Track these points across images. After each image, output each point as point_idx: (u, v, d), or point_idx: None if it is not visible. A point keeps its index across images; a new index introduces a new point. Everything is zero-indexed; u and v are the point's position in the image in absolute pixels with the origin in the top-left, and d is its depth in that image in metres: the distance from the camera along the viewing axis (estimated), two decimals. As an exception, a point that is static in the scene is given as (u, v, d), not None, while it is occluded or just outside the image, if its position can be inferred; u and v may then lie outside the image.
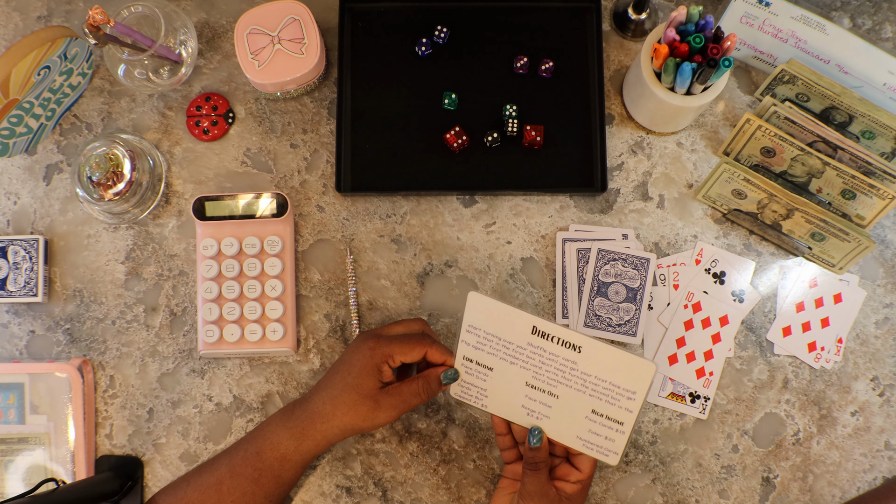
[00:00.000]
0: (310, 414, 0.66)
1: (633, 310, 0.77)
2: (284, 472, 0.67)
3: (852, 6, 0.82)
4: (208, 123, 0.81)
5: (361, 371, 0.63)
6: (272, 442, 0.66)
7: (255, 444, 0.67)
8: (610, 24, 0.82)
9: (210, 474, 0.68)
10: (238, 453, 0.67)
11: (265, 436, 0.67)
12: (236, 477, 0.66)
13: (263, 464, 0.66)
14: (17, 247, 0.79)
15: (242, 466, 0.66)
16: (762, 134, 0.74)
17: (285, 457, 0.66)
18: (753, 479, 0.77)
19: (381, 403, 0.64)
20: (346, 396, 0.64)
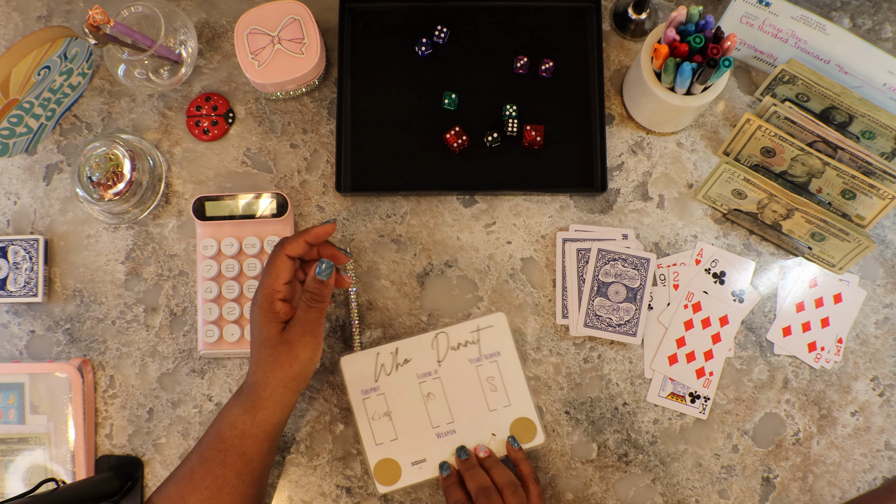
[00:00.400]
0: (251, 385, 0.66)
1: (633, 310, 0.77)
2: (248, 448, 0.66)
3: (852, 6, 0.82)
4: (208, 123, 0.81)
5: (261, 325, 0.63)
6: (229, 422, 0.66)
7: (215, 428, 0.67)
8: (610, 24, 0.82)
9: (184, 466, 0.68)
10: (204, 440, 0.67)
11: (223, 417, 0.67)
12: (205, 462, 0.66)
13: (226, 444, 0.66)
14: (17, 247, 0.79)
15: (209, 451, 0.66)
16: (762, 134, 0.74)
17: (245, 432, 0.66)
18: (753, 479, 0.77)
19: (292, 340, 0.63)
20: (263, 354, 0.63)
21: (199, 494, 0.65)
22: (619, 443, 0.77)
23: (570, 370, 0.78)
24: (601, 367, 0.78)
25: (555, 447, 0.77)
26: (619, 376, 0.78)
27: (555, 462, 0.77)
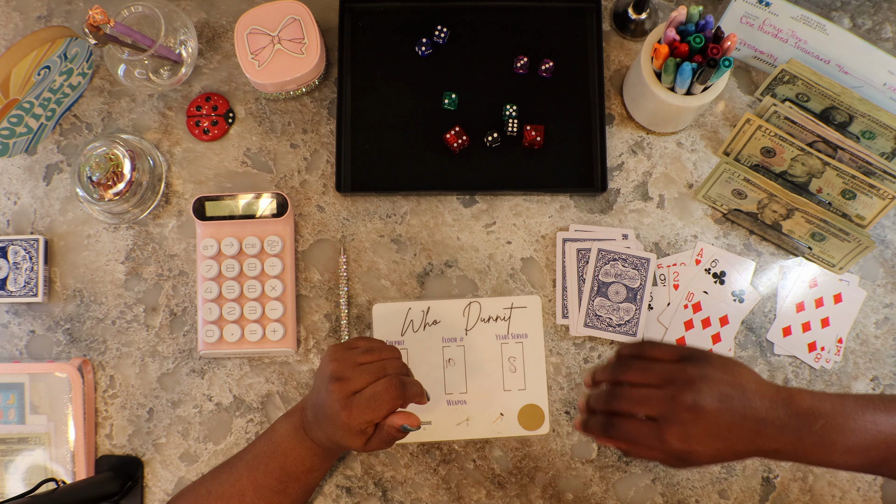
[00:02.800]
0: (323, 444, 0.67)
1: (633, 310, 0.77)
2: (311, 480, 0.70)
3: (852, 6, 0.82)
4: (208, 123, 0.81)
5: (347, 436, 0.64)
6: (296, 459, 0.68)
7: (276, 460, 0.68)
8: (610, 24, 0.82)
9: (230, 485, 0.68)
10: (258, 467, 0.68)
11: (286, 453, 0.68)
12: (259, 489, 0.67)
13: (290, 477, 0.68)
14: (17, 247, 0.79)
15: (266, 479, 0.67)
16: (762, 134, 0.74)
17: (313, 468, 0.69)
18: (753, 479, 0.77)
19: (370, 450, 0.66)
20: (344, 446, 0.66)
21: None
22: (619, 443, 0.77)
23: (570, 370, 0.78)
24: (601, 367, 0.78)
25: (555, 447, 0.77)
26: (619, 376, 0.78)
27: (555, 462, 0.77)
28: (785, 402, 0.58)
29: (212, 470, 0.71)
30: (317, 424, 0.66)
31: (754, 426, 0.57)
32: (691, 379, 0.57)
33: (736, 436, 0.57)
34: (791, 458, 0.58)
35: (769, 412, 0.57)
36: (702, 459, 0.58)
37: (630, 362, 0.60)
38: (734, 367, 0.59)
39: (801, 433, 0.57)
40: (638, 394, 0.59)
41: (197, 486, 0.69)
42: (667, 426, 0.57)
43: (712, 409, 0.56)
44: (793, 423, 0.57)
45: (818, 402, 0.58)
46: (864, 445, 0.57)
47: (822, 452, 0.57)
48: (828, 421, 0.57)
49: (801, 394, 0.58)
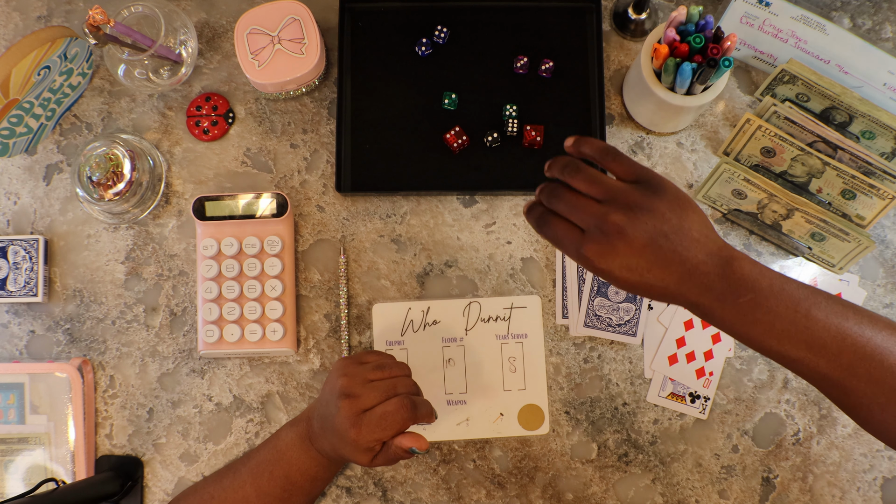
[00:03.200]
0: (329, 454, 0.67)
1: (633, 310, 0.77)
2: (315, 488, 0.69)
3: (852, 6, 0.82)
4: (208, 123, 0.81)
5: (354, 452, 0.64)
6: (301, 469, 0.68)
7: (281, 468, 0.68)
8: (610, 24, 0.82)
9: (234, 490, 0.68)
10: (262, 474, 0.68)
11: (291, 462, 0.68)
12: (264, 496, 0.67)
13: (294, 485, 0.68)
14: (17, 247, 0.79)
15: (270, 487, 0.67)
16: (762, 134, 0.74)
17: (317, 477, 0.69)
18: (753, 479, 0.77)
19: (374, 462, 0.66)
20: (351, 458, 0.66)
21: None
22: (619, 443, 0.77)
23: (570, 370, 0.78)
24: (601, 367, 0.78)
25: (555, 447, 0.77)
26: (619, 376, 0.78)
27: (555, 462, 0.77)
28: (722, 263, 0.55)
29: (214, 473, 0.71)
30: (323, 436, 0.66)
31: (678, 274, 0.55)
32: (632, 204, 0.56)
33: (654, 275, 0.55)
34: (712, 320, 0.56)
35: (700, 266, 0.55)
36: (616, 283, 0.56)
37: (582, 168, 0.58)
38: (685, 209, 0.56)
39: (724, 299, 0.55)
40: (576, 201, 0.57)
41: (199, 488, 0.69)
42: (588, 239, 0.56)
43: (637, 241, 0.54)
44: (719, 285, 0.55)
45: (757, 275, 0.55)
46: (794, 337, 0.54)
47: (743, 327, 0.55)
48: (757, 297, 0.54)
49: (743, 262, 0.55)
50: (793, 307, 0.54)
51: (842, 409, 0.58)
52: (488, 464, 0.77)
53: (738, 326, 0.55)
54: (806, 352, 0.54)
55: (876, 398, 0.54)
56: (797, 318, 0.54)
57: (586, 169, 0.58)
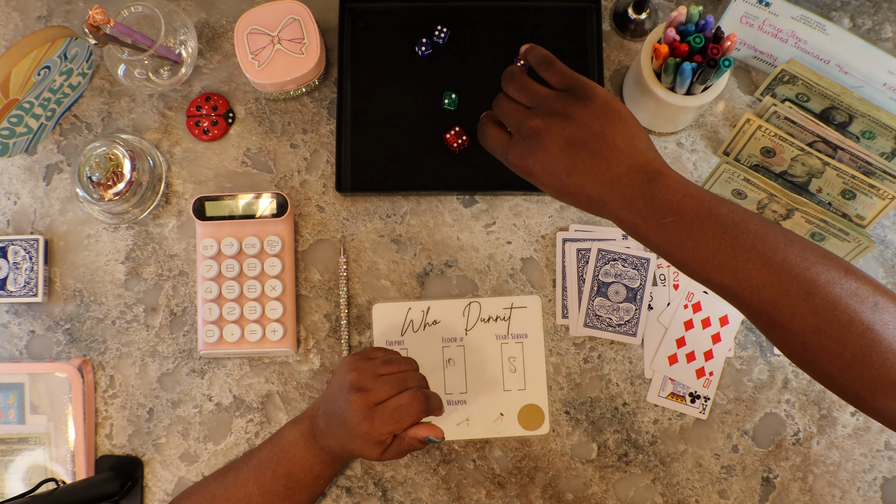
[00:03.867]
0: (334, 452, 0.67)
1: (633, 310, 0.77)
2: (319, 486, 0.69)
3: (852, 6, 0.82)
4: (208, 123, 0.81)
5: (364, 445, 0.64)
6: (305, 467, 0.67)
7: (284, 466, 0.67)
8: (610, 24, 0.82)
9: (236, 489, 0.68)
10: (265, 472, 0.68)
11: (294, 460, 0.68)
12: (266, 494, 0.67)
13: (297, 483, 0.68)
14: (17, 247, 0.79)
15: (273, 485, 0.67)
16: (762, 134, 0.74)
17: (320, 475, 0.69)
18: (753, 479, 0.77)
19: (383, 455, 0.66)
20: (357, 455, 0.66)
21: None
22: (619, 443, 0.77)
23: (570, 370, 0.78)
24: (601, 367, 0.78)
25: (555, 447, 0.77)
26: (619, 376, 0.78)
27: (555, 462, 0.77)
28: (645, 178, 0.54)
29: (215, 473, 0.71)
30: (329, 433, 0.66)
31: (598, 184, 0.55)
32: (553, 110, 0.57)
33: (574, 181, 0.55)
34: (637, 238, 0.56)
35: (621, 178, 0.55)
36: (542, 186, 0.58)
37: (515, 77, 0.61)
38: (610, 118, 0.56)
39: (647, 217, 0.54)
40: (508, 107, 0.60)
41: (200, 488, 0.69)
42: (513, 143, 0.59)
43: (552, 145, 0.56)
44: (641, 202, 0.54)
45: (682, 196, 0.53)
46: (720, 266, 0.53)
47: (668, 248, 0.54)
48: (682, 220, 0.53)
49: (670, 180, 0.54)
50: (719, 233, 0.53)
51: (769, 340, 0.57)
52: (488, 464, 0.77)
53: (664, 247, 0.54)
54: (731, 280, 0.53)
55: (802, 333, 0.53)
56: (723, 246, 0.53)
57: (518, 77, 0.61)
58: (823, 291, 0.52)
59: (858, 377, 0.52)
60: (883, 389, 0.52)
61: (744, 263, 0.53)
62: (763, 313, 0.54)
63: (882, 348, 0.52)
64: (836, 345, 0.52)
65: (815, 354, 0.53)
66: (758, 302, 0.53)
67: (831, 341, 0.52)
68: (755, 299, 0.53)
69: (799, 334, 0.53)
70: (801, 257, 0.53)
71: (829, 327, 0.52)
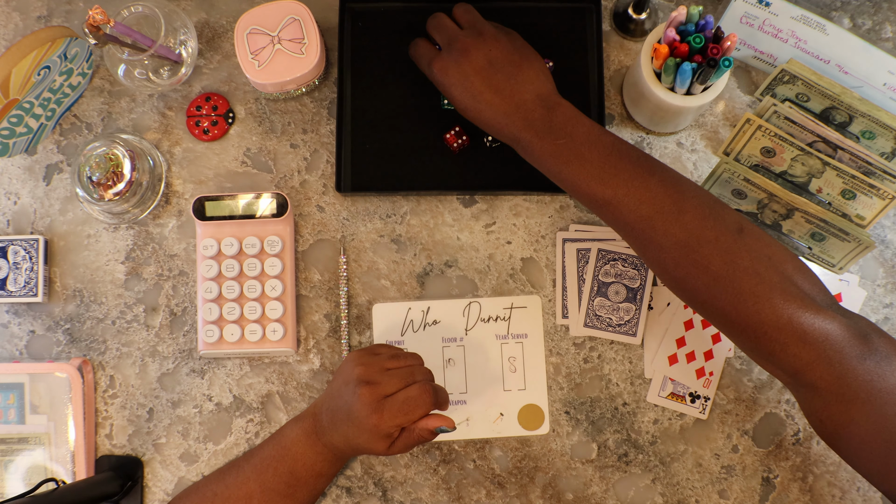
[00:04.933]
0: (338, 449, 0.67)
1: (633, 310, 0.77)
2: (320, 484, 0.69)
3: (852, 6, 0.82)
4: (208, 123, 0.81)
5: (371, 439, 0.64)
6: (307, 465, 0.67)
7: (286, 464, 0.67)
8: (610, 24, 0.82)
9: (237, 487, 0.68)
10: (267, 470, 0.68)
11: (296, 457, 0.67)
12: (268, 492, 0.67)
13: (299, 481, 0.67)
14: (17, 247, 0.79)
15: (275, 482, 0.67)
16: (762, 134, 0.74)
17: (321, 473, 0.68)
18: (753, 479, 0.77)
19: (391, 454, 0.67)
20: (363, 449, 0.66)
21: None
22: (619, 443, 0.77)
23: (570, 370, 0.78)
24: (601, 367, 0.78)
25: (555, 447, 0.77)
26: (619, 376, 0.78)
27: (555, 462, 0.77)
28: (547, 106, 0.65)
29: (215, 471, 0.71)
30: (334, 429, 0.66)
31: (507, 104, 0.64)
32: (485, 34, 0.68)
33: (486, 99, 0.65)
34: (531, 157, 0.65)
35: (527, 103, 0.64)
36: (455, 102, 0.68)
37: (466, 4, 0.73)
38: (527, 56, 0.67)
39: (543, 137, 0.63)
40: (445, 22, 0.71)
41: (201, 487, 0.69)
42: (440, 56, 0.69)
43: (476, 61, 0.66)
44: (540, 125, 0.64)
45: (575, 123, 0.64)
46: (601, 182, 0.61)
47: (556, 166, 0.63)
48: (573, 142, 0.63)
49: (567, 109, 0.64)
50: (604, 155, 0.62)
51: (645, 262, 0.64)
52: (488, 464, 0.77)
53: (552, 165, 0.64)
54: (612, 196, 0.61)
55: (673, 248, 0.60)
56: (607, 166, 0.62)
57: (469, 6, 0.72)
58: (694, 211, 0.60)
59: (723, 291, 0.59)
60: (744, 301, 0.58)
61: (624, 182, 0.61)
62: (638, 229, 0.61)
63: (745, 264, 0.58)
64: (703, 259, 0.59)
65: (684, 270, 0.60)
66: (635, 219, 0.61)
67: (699, 256, 0.59)
68: (633, 216, 0.61)
69: (670, 250, 0.60)
70: (675, 182, 0.61)
71: (697, 243, 0.59)
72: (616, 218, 0.62)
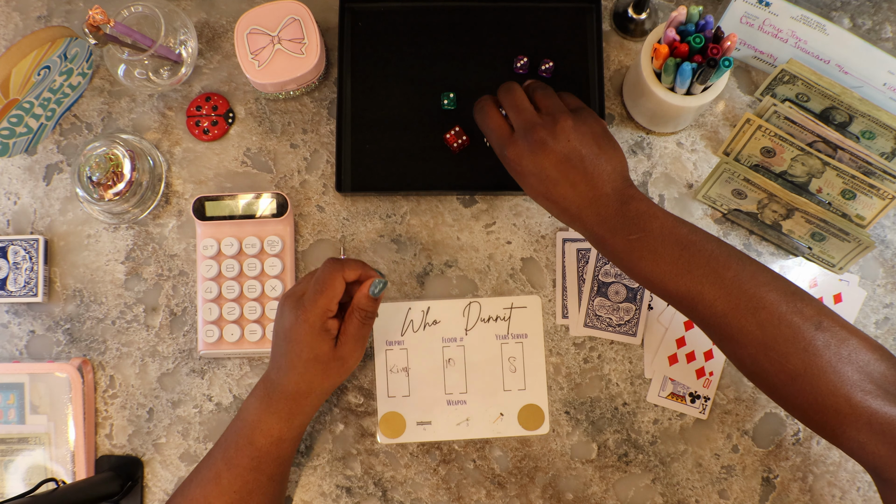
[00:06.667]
0: (291, 395, 0.66)
1: (633, 310, 0.77)
2: (283, 452, 0.68)
3: (852, 6, 0.82)
4: (208, 123, 0.81)
5: (312, 342, 0.64)
6: (263, 430, 0.66)
7: (244, 435, 0.66)
8: (610, 24, 0.82)
9: (206, 469, 0.68)
10: (230, 446, 0.67)
11: (253, 425, 0.66)
12: (234, 468, 0.66)
13: (259, 451, 0.66)
14: (17, 247, 0.79)
15: (238, 457, 0.66)
16: (762, 134, 0.74)
17: (281, 438, 0.67)
18: (753, 479, 0.77)
19: (343, 355, 0.65)
20: (313, 368, 0.65)
21: (227, 498, 0.66)
22: (619, 443, 0.77)
23: (570, 370, 0.78)
24: (601, 367, 0.78)
25: (555, 447, 0.77)
26: (619, 376, 0.78)
27: (555, 462, 0.77)
28: (622, 200, 0.62)
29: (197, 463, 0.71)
30: (283, 373, 0.65)
31: (582, 198, 0.62)
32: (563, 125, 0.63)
33: (561, 191, 0.63)
34: (604, 251, 0.63)
35: (603, 197, 0.62)
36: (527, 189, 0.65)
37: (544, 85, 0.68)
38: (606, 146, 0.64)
39: (616, 232, 0.61)
40: (522, 102, 0.66)
41: (186, 479, 0.69)
42: (514, 140, 0.65)
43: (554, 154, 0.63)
44: (615, 220, 0.62)
45: (649, 217, 0.61)
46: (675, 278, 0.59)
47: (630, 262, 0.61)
48: (646, 237, 0.61)
49: (640, 203, 0.62)
50: (678, 250, 0.60)
51: (724, 353, 0.62)
52: (488, 464, 0.77)
53: (625, 260, 0.62)
54: (686, 293, 0.60)
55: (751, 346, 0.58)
56: (681, 262, 0.60)
57: (547, 86, 0.68)
58: (770, 308, 0.57)
59: (801, 391, 0.57)
60: (822, 400, 0.56)
61: (698, 278, 0.59)
62: (715, 326, 0.59)
63: (822, 363, 0.56)
64: (781, 358, 0.57)
65: (762, 367, 0.58)
66: (710, 315, 0.59)
67: (776, 354, 0.57)
68: (708, 312, 0.59)
69: (747, 347, 0.58)
70: (751, 276, 0.59)
71: (774, 341, 0.57)
72: (690, 313, 0.61)
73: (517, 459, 0.77)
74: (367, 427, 0.78)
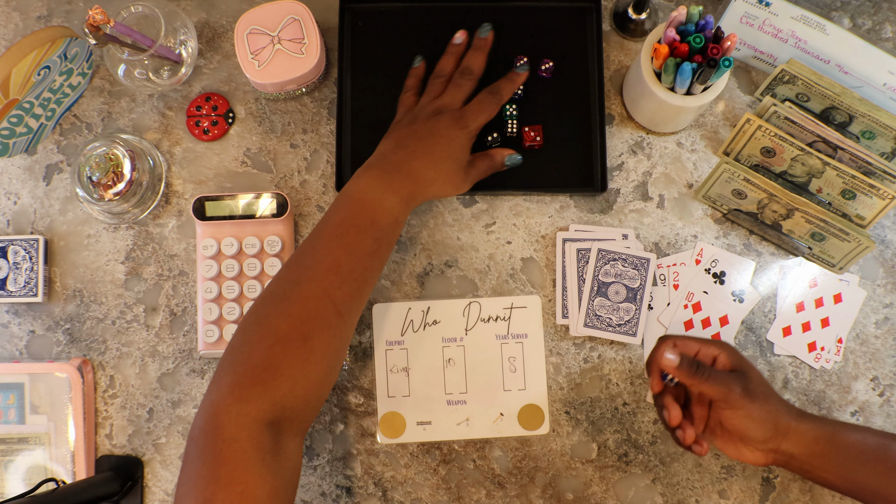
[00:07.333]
0: (414, 178, 0.67)
1: (633, 310, 0.77)
2: (395, 235, 0.67)
3: (852, 6, 0.82)
4: (208, 123, 0.81)
5: (461, 144, 0.70)
6: (385, 209, 0.65)
7: (367, 216, 0.64)
8: (610, 24, 0.82)
9: (324, 258, 0.62)
10: (348, 231, 0.63)
11: (375, 204, 0.64)
12: (354, 253, 0.63)
13: (381, 232, 0.64)
14: (17, 247, 0.79)
15: (360, 241, 0.63)
16: (762, 134, 0.74)
17: (398, 220, 0.67)
18: (753, 479, 0.77)
19: (468, 174, 0.72)
20: (447, 165, 0.69)
21: (347, 288, 0.62)
22: (619, 443, 0.77)
23: (570, 370, 0.78)
24: (601, 367, 0.78)
25: (555, 447, 0.77)
26: (619, 376, 0.78)
27: (555, 462, 0.77)
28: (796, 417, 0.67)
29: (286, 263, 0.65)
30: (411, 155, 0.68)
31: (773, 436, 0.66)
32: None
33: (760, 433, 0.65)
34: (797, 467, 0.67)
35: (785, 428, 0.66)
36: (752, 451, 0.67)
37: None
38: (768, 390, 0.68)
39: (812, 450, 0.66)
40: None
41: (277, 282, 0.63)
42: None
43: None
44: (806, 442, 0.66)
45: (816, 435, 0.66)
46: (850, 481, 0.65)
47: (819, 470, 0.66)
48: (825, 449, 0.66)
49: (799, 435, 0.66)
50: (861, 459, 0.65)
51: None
52: (488, 464, 0.77)
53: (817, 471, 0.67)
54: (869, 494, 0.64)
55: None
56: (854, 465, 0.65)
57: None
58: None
59: None
60: None
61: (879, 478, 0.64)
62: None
63: None
64: None
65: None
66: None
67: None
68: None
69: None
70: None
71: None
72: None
73: (517, 459, 0.77)
74: (368, 427, 0.78)
